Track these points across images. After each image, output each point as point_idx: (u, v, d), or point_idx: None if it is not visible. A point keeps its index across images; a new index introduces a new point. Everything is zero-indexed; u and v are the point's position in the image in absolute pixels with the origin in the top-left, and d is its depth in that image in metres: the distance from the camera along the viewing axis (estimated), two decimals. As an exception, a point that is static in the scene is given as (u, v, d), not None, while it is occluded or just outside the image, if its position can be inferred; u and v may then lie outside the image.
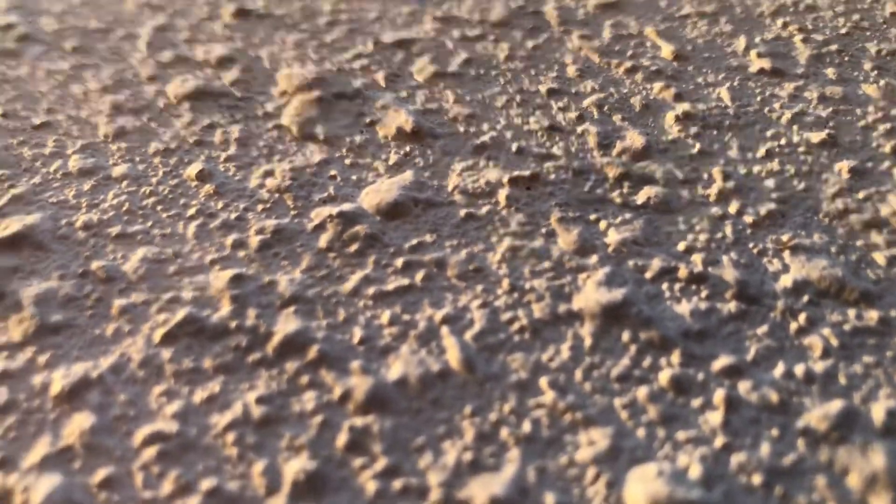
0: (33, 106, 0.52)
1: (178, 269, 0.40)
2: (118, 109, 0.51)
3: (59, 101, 0.52)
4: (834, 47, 0.57)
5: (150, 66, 0.55)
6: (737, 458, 0.31)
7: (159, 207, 0.44)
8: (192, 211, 0.43)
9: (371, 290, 0.38)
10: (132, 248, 0.41)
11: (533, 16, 0.59)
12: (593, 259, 0.40)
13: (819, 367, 0.35)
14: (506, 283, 0.39)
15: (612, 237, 0.41)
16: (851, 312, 0.37)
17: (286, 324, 0.37)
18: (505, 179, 0.45)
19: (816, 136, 0.48)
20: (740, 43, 0.57)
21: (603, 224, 0.42)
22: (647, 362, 0.35)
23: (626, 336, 0.36)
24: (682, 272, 0.39)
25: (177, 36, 0.58)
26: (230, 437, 0.32)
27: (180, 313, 0.37)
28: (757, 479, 0.31)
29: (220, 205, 0.44)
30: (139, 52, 0.56)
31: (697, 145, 0.47)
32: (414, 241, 0.41)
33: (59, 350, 0.36)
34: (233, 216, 0.43)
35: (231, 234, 0.42)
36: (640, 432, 0.33)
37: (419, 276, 0.39)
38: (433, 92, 0.52)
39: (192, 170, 0.46)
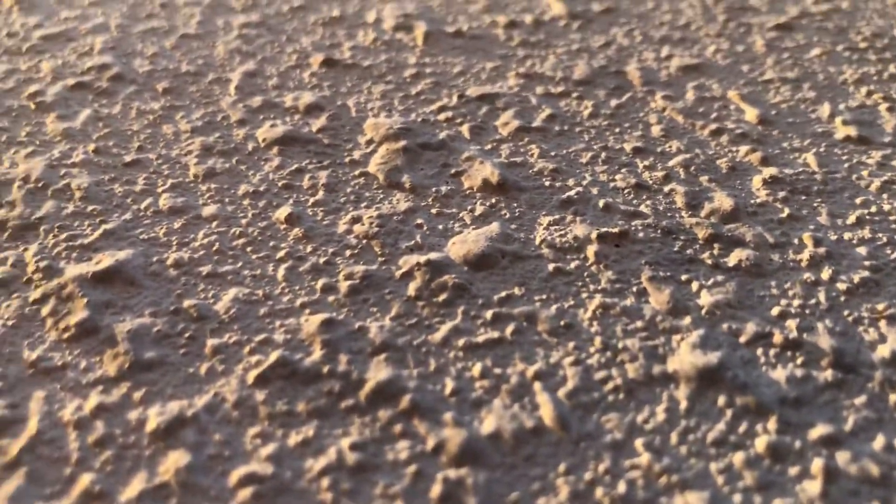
0: (125, 144, 0.53)
1: (269, 311, 0.40)
2: (208, 151, 0.52)
3: (150, 140, 0.53)
4: (921, 117, 0.56)
5: (239, 110, 0.56)
6: (842, 533, 0.31)
7: (249, 249, 0.44)
8: (281, 253, 0.44)
9: (461, 342, 0.38)
10: (223, 288, 0.42)
11: (615, 75, 0.59)
12: (686, 320, 0.39)
13: (923, 442, 0.34)
14: (598, 341, 0.38)
15: (705, 299, 0.41)
16: (954, 387, 0.36)
17: (378, 371, 0.37)
18: (593, 235, 0.44)
19: (908, 206, 0.47)
20: (824, 110, 0.57)
21: (695, 285, 0.41)
22: (743, 428, 0.34)
23: (721, 400, 0.35)
24: (777, 338, 0.38)
25: (266, 82, 0.59)
26: (325, 482, 0.32)
27: (273, 355, 0.37)
28: (864, 556, 0.30)
29: (308, 248, 0.44)
30: (229, 95, 0.57)
31: (786, 210, 0.47)
32: (503, 294, 0.41)
33: (153, 387, 0.36)
34: (322, 260, 0.43)
35: (321, 278, 0.42)
36: (737, 498, 0.32)
37: (509, 329, 0.39)
38: (518, 146, 0.52)
39: (281, 213, 0.46)
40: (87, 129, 0.54)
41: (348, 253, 0.44)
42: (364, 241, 0.45)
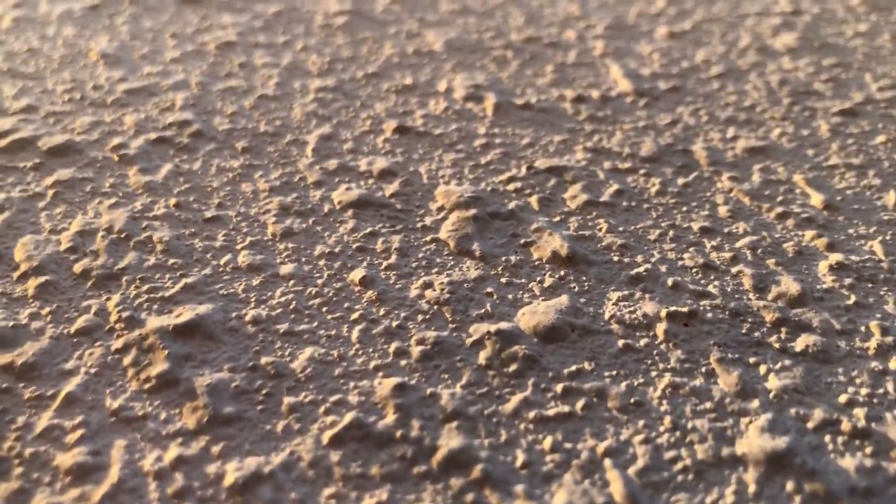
0: (205, 199, 0.55)
1: (343, 372, 0.41)
2: (286, 210, 0.54)
3: (229, 197, 0.55)
4: None
5: (316, 171, 0.57)
6: None
7: (324, 309, 0.45)
8: (355, 315, 0.45)
9: (532, 414, 0.39)
10: (299, 347, 0.43)
11: (682, 154, 0.60)
12: (755, 403, 0.40)
13: None
14: (668, 420, 0.39)
15: (773, 383, 0.41)
16: None
17: (450, 439, 0.37)
18: (662, 314, 0.45)
19: (977, 299, 0.47)
20: (890, 198, 0.57)
21: (763, 368, 0.42)
22: (812, 517, 0.35)
23: (790, 486, 0.36)
24: (845, 425, 0.39)
25: (341, 146, 0.61)
26: (399, 547, 0.32)
27: (347, 417, 0.38)
28: None
29: (381, 311, 0.45)
30: (306, 157, 0.59)
31: (853, 297, 0.47)
32: (573, 368, 0.42)
33: (231, 441, 0.37)
34: (394, 324, 0.44)
35: (393, 342, 0.43)
36: (807, 590, 0.32)
37: (579, 404, 0.39)
38: (586, 219, 0.53)
39: (355, 275, 0.48)
40: (169, 184, 0.56)
41: (420, 318, 0.45)
42: (435, 307, 0.46)
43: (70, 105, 0.66)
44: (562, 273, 0.48)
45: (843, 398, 0.40)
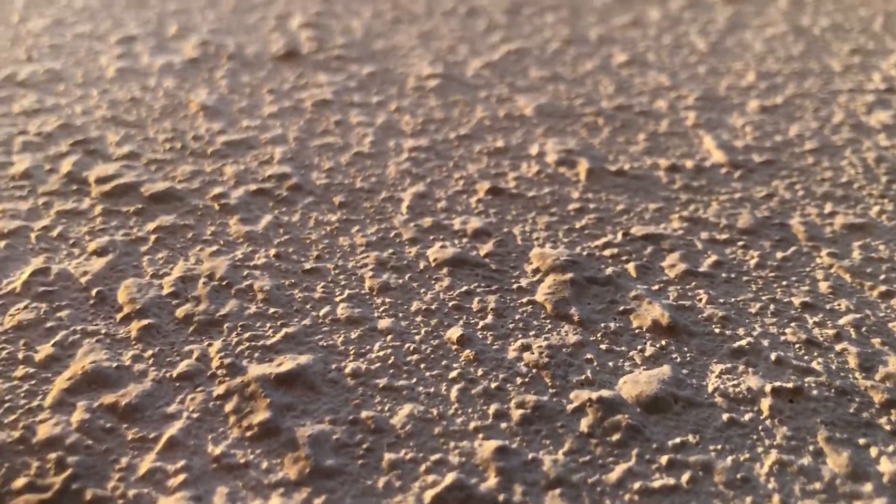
0: (304, 251, 0.55)
1: (443, 431, 0.41)
2: (382, 265, 0.54)
3: (327, 250, 0.55)
4: None
5: (411, 228, 0.58)
6: None
7: (423, 366, 0.45)
8: (453, 374, 0.45)
9: (636, 485, 0.38)
10: (399, 403, 0.43)
11: (779, 227, 0.60)
12: (867, 487, 0.38)
13: None
14: (776, 499, 0.38)
15: (885, 467, 0.40)
16: None
17: (554, 504, 0.37)
18: (767, 389, 0.44)
19: None
20: None
21: (874, 451, 0.41)
22: None
23: (910, 577, 0.34)
24: (965, 517, 0.37)
25: (435, 204, 0.61)
26: None
27: (449, 477, 0.38)
28: None
29: (479, 371, 0.45)
30: (401, 214, 0.60)
31: (965, 382, 0.46)
32: (677, 440, 0.41)
33: (333, 495, 0.37)
34: (493, 385, 0.44)
35: (492, 403, 0.43)
36: None
37: (685, 477, 0.39)
38: (685, 289, 0.52)
39: (452, 333, 0.48)
40: (269, 234, 0.57)
41: (519, 380, 0.45)
42: (534, 371, 0.45)
43: (171, 153, 0.68)
44: (663, 343, 0.48)
45: (960, 487, 0.39)
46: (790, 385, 0.44)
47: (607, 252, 0.56)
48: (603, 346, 0.47)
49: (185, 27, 0.96)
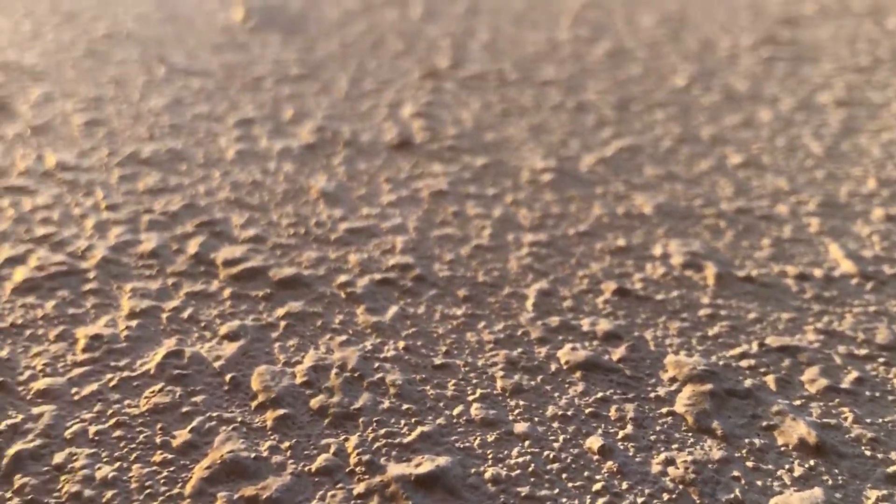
0: (432, 346, 0.55)
1: (593, 548, 0.39)
2: (513, 365, 0.53)
3: (455, 346, 0.55)
4: None
5: (538, 327, 0.57)
6: None
7: (564, 475, 0.44)
8: (597, 486, 0.43)
9: None
10: (544, 514, 0.41)
11: (920, 344, 0.57)
12: None
13: None
14: None
15: None
16: None
17: None
18: (932, 522, 0.42)
19: None
20: None
21: None
22: None
23: None
24: None
25: (561, 303, 0.60)
26: None
27: None
28: None
29: (624, 485, 0.44)
30: (526, 311, 0.59)
31: None
32: (842, 573, 0.39)
33: None
34: (639, 500, 0.42)
35: (641, 521, 0.41)
36: None
37: None
38: (828, 406, 0.50)
39: (592, 443, 0.46)
40: (396, 326, 0.57)
41: (665, 496, 0.43)
42: (681, 487, 0.44)
43: (295, 239, 0.69)
44: (811, 463, 0.46)
45: None
46: (956, 519, 0.42)
47: (744, 363, 0.54)
48: (749, 464, 0.45)
49: (300, 112, 0.98)
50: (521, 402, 0.50)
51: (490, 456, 0.45)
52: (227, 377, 0.51)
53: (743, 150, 0.90)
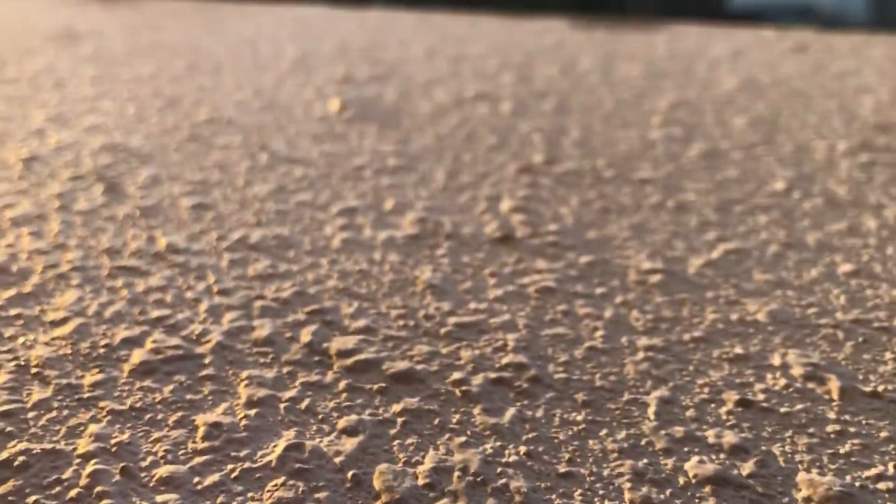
0: (554, 452, 0.53)
1: None
2: (639, 477, 0.51)
3: (578, 453, 0.53)
4: None
5: (662, 437, 0.55)
6: None
7: None
8: None
9: None
10: None
11: None
12: None
13: None
14: None
15: None
16: None
17: None
18: None
19: None
20: None
21: None
22: None
23: None
24: None
25: (683, 412, 0.59)
26: None
27: None
28: None
29: None
30: (649, 420, 0.57)
31: None
32: None
33: None
34: None
35: None
36: None
37: None
38: (979, 540, 0.48)
39: (731, 565, 0.44)
40: (515, 429, 0.56)
41: None
42: None
43: (406, 331, 0.68)
44: None
45: None
46: None
47: (882, 486, 0.52)
48: None
49: (401, 202, 0.99)
50: (653, 517, 0.48)
51: (625, 574, 0.43)
52: (349, 474, 0.50)
53: (853, 258, 0.88)
